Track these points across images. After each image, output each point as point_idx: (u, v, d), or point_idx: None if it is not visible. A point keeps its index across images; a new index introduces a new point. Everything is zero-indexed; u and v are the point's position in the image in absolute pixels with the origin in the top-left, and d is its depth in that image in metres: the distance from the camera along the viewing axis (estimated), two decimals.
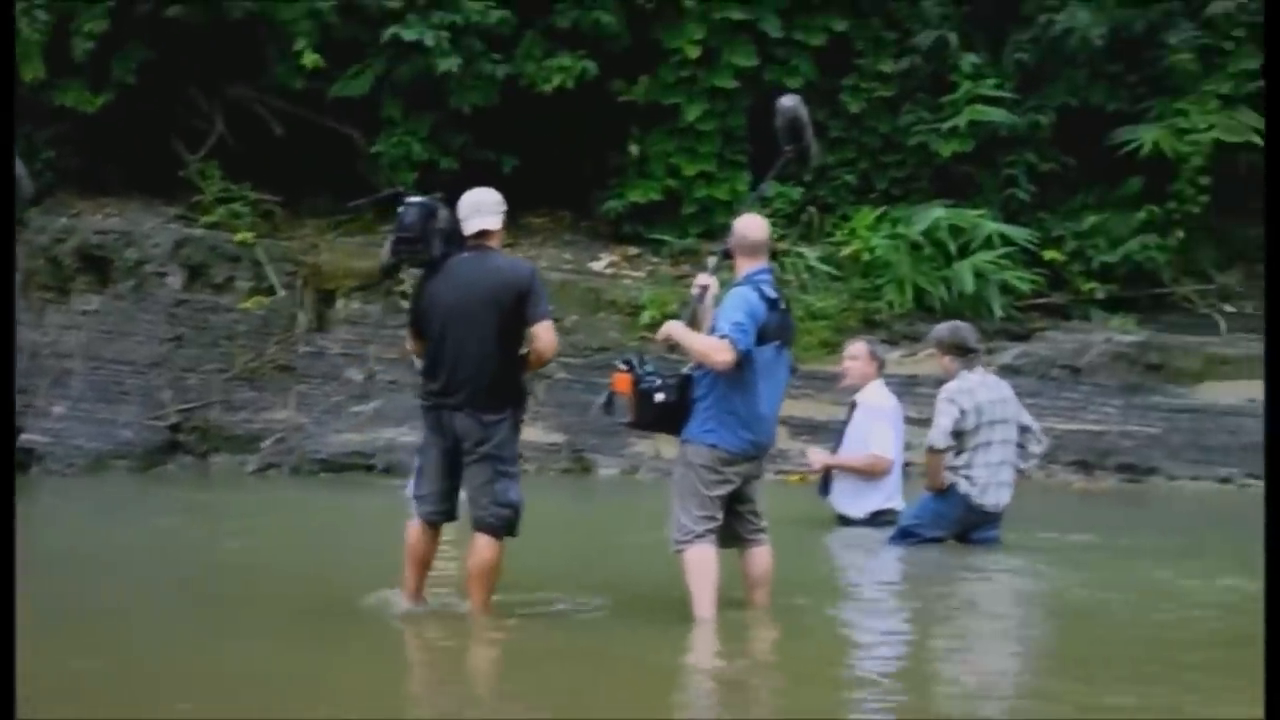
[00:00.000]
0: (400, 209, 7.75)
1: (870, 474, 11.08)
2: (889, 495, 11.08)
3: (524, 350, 7.56)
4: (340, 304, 16.50)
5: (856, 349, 11.53)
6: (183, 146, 17.15)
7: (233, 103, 17.17)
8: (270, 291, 16.33)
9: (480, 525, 7.51)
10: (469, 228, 7.61)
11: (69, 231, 16.55)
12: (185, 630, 7.54)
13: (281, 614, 7.83)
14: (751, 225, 7.73)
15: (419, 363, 7.78)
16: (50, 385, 16.09)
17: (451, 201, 7.76)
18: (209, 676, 6.44)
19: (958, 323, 10.94)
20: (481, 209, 7.63)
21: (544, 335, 7.52)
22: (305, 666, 6.65)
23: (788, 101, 8.16)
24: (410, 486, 8.01)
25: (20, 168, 8.29)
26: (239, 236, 16.40)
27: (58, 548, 10.41)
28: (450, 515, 7.75)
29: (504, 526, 7.52)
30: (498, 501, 7.48)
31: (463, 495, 7.69)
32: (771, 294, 7.52)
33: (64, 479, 15.39)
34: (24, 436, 15.87)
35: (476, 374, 7.46)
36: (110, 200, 16.95)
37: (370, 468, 15.16)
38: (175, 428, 15.93)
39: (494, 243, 7.64)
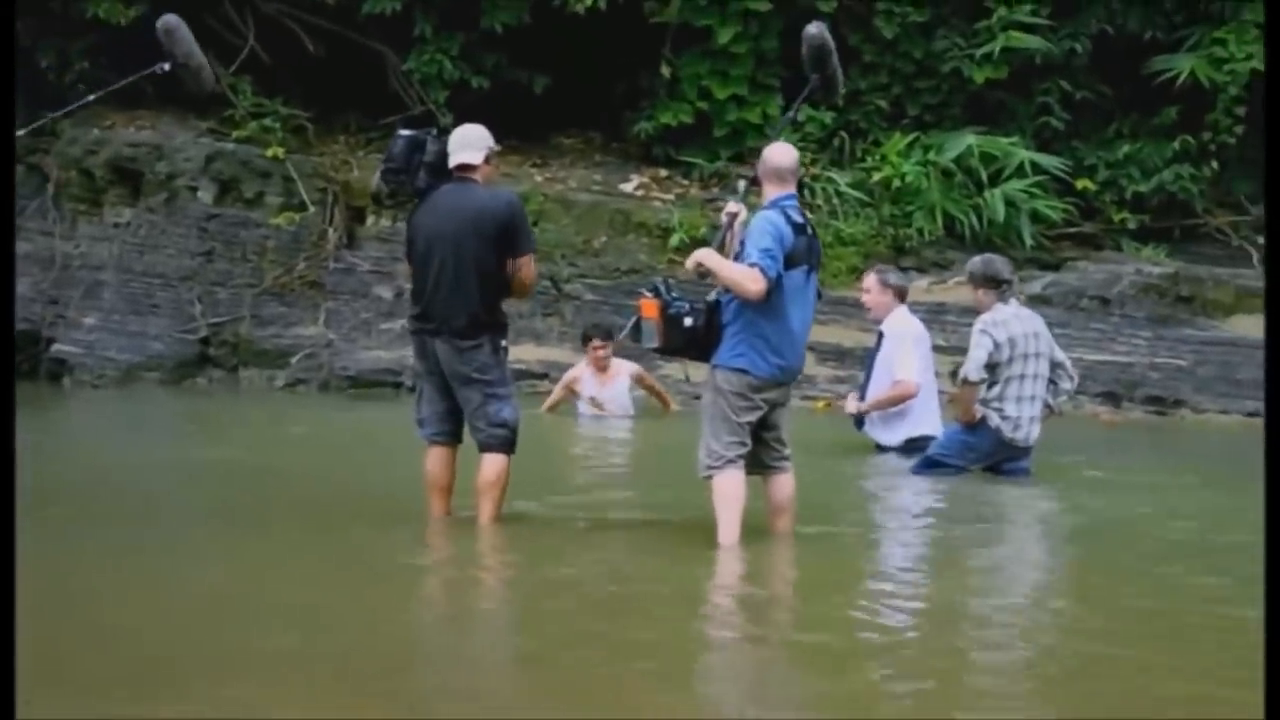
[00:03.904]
0: (392, 140, 7.98)
1: (901, 402, 11.07)
2: (919, 421, 11.00)
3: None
4: (370, 221, 16.54)
5: (868, 281, 11.48)
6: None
7: (265, 17, 17.11)
8: (301, 207, 16.35)
9: (482, 447, 7.82)
10: (453, 161, 7.82)
11: (101, 143, 16.58)
12: (207, 541, 7.65)
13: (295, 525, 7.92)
14: (779, 152, 7.74)
15: None
16: (82, 296, 16.20)
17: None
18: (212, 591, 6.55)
19: (991, 255, 10.91)
20: (466, 144, 7.86)
21: (526, 268, 7.82)
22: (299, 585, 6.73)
23: (813, 29, 8.22)
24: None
25: (200, 56, 8.41)
26: (270, 151, 16.40)
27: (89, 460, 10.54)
28: (454, 436, 7.96)
29: (502, 445, 7.79)
30: (492, 423, 7.77)
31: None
32: (798, 218, 7.52)
33: (95, 390, 15.53)
34: (56, 347, 16.04)
35: (451, 301, 7.70)
36: (143, 113, 16.93)
37: (399, 385, 15.23)
38: (205, 341, 16.03)
39: (478, 177, 7.82)
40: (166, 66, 8.42)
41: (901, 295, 11.39)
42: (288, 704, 4.76)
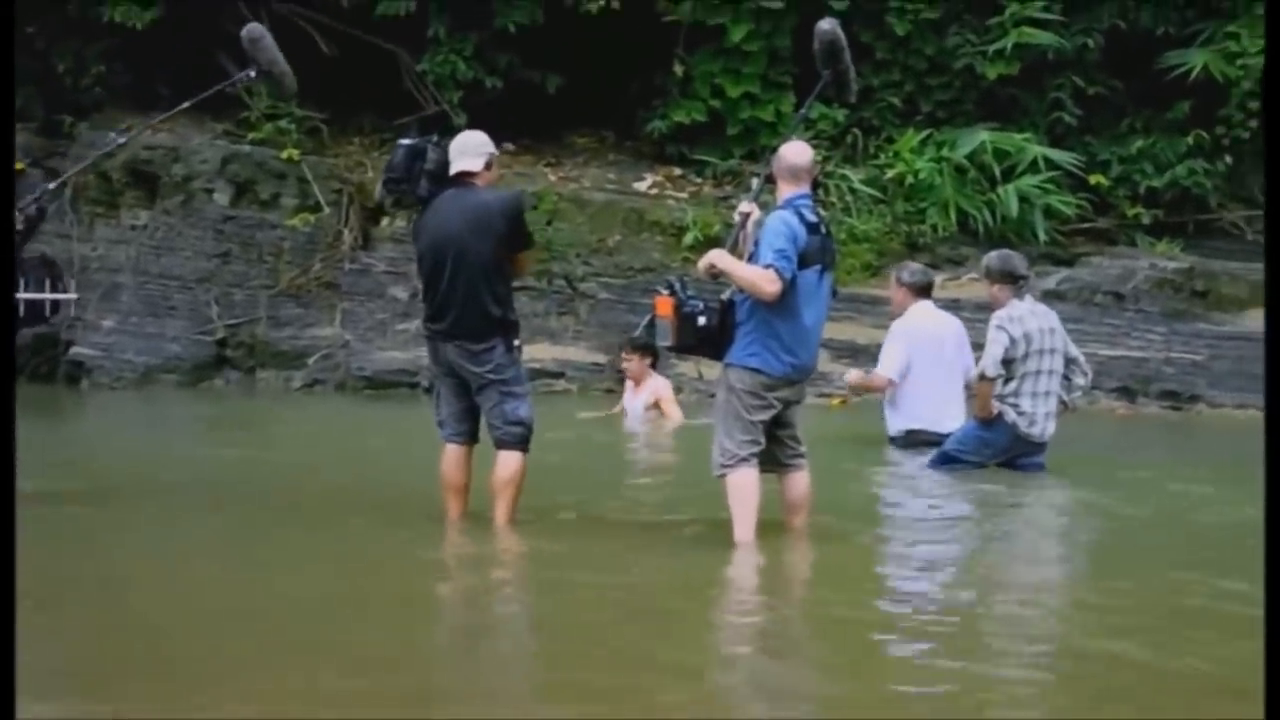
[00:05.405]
0: (393, 150, 8.05)
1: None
2: (911, 414, 11.23)
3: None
4: (385, 222, 16.58)
5: (891, 280, 11.90)
6: (230, 62, 17.14)
7: (279, 18, 17.12)
8: (316, 209, 16.41)
9: (498, 444, 7.91)
10: (454, 169, 7.88)
11: (118, 147, 16.62)
12: (228, 536, 7.71)
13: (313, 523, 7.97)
14: (794, 150, 7.76)
15: None
16: (100, 299, 16.27)
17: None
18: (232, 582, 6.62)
19: (1007, 251, 10.97)
20: (466, 151, 7.92)
21: (526, 263, 8.31)
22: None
23: (825, 25, 8.21)
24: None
25: (283, 63, 8.59)
26: (285, 153, 16.47)
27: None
28: (471, 435, 8.05)
29: (517, 442, 7.88)
30: (508, 420, 7.86)
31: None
32: (812, 218, 7.55)
33: (113, 392, 15.61)
34: (74, 349, 16.12)
35: (460, 304, 7.78)
36: (159, 115, 16.97)
37: (415, 385, 15.30)
38: (222, 343, 16.11)
39: (479, 183, 7.88)
40: (252, 74, 8.65)
41: (918, 291, 11.50)
42: (293, 699, 4.82)
